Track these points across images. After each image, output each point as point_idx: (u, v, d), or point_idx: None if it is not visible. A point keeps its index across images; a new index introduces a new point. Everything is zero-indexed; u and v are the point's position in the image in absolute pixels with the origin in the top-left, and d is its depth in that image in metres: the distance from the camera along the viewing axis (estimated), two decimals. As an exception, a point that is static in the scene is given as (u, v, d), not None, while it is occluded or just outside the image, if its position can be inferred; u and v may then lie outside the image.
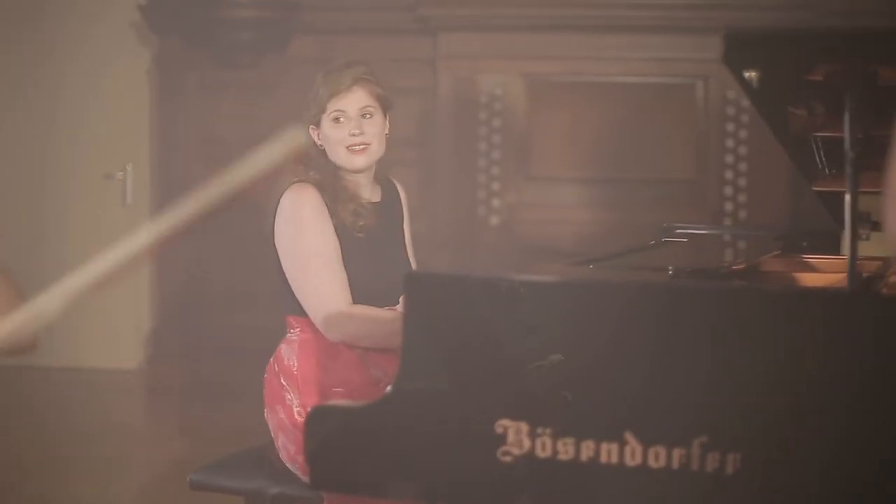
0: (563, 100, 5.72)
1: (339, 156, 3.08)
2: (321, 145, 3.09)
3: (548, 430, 2.18)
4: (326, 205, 3.04)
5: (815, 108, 2.32)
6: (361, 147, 3.08)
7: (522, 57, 5.73)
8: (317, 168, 3.09)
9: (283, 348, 3.10)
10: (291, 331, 3.09)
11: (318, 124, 3.09)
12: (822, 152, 2.69)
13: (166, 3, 5.99)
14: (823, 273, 2.98)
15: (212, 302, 6.17)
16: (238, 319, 5.93)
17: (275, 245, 3.06)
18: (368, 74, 3.14)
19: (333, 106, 3.07)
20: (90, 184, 6.37)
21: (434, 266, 5.58)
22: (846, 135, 2.06)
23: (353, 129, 3.07)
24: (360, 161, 3.10)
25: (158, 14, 6.03)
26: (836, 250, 3.03)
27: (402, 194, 3.30)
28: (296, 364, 3.05)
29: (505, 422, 2.20)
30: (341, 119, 3.08)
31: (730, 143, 5.57)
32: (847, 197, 2.11)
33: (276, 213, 3.06)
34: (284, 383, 3.05)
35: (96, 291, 1.84)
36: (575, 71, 5.72)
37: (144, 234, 1.85)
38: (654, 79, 5.62)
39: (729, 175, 5.60)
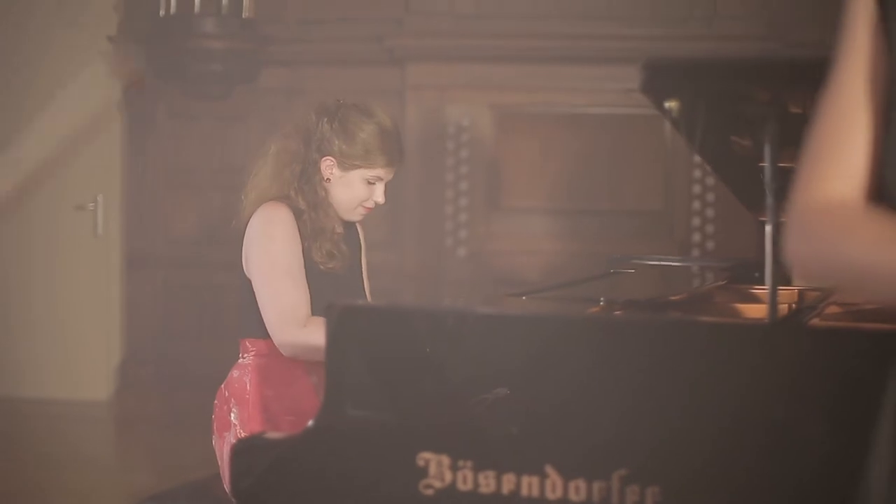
0: (530, 131, 5.72)
1: (347, 207, 3.08)
2: (328, 179, 3.06)
3: (469, 463, 2.15)
4: (300, 232, 3.02)
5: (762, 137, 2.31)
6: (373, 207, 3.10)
7: (490, 88, 5.73)
8: (306, 196, 3.06)
9: (236, 373, 3.07)
10: (245, 354, 3.07)
11: (343, 167, 3.06)
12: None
13: (135, 35, 5.99)
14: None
15: (181, 333, 6.15)
16: (208, 350, 5.90)
17: (242, 262, 3.05)
18: None
19: (377, 172, 3.06)
20: (62, 215, 6.36)
21: (399, 297, 5.62)
22: (767, 165, 2.05)
23: (380, 195, 3.08)
24: (361, 216, 3.11)
25: (128, 45, 6.03)
26: (788, 281, 3.01)
27: (360, 227, 3.29)
28: (248, 388, 3.03)
29: (426, 454, 2.17)
30: (375, 184, 3.08)
31: (697, 173, 5.56)
32: (767, 228, 2.09)
33: (246, 228, 3.04)
34: (234, 409, 3.03)
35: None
36: (542, 102, 5.72)
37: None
38: (622, 110, 5.62)
39: (696, 206, 5.59)
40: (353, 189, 3.08)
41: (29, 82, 6.26)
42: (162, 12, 5.83)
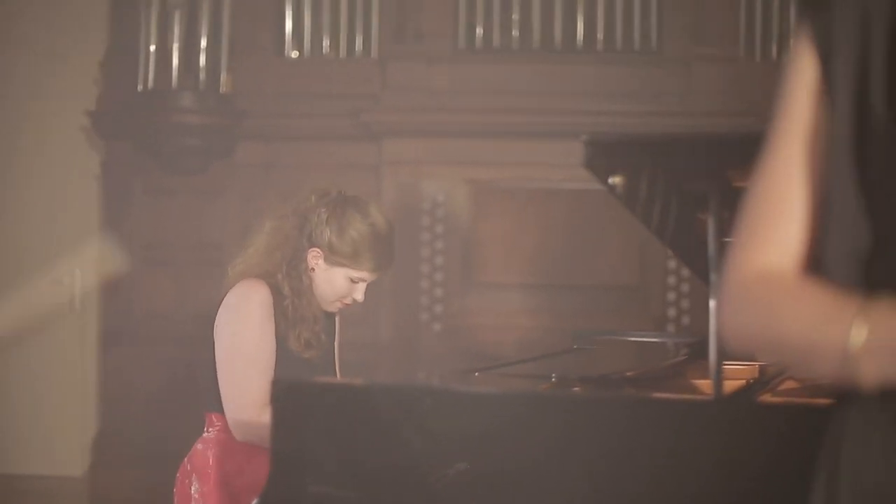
0: (506, 205, 5.73)
1: (328, 300, 3.06)
2: (313, 269, 3.05)
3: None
4: (279, 314, 3.00)
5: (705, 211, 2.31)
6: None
7: (466, 163, 5.75)
8: (292, 281, 3.04)
9: (199, 447, 3.04)
10: (210, 429, 3.04)
11: (329, 261, 3.04)
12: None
13: (114, 109, 6.02)
14: (728, 379, 2.95)
15: (157, 408, 6.11)
16: (184, 426, 5.86)
17: (213, 336, 3.02)
18: None
19: (362, 274, 3.05)
20: (39, 289, 6.34)
21: (376, 373, 5.59)
22: (710, 240, 2.05)
23: (360, 294, 3.06)
24: (336, 309, 3.10)
25: (107, 120, 6.06)
26: (751, 356, 3.00)
27: (337, 315, 3.27)
28: (210, 462, 3.00)
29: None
30: (359, 284, 3.07)
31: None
32: (711, 302, 2.09)
33: (221, 303, 3.02)
34: (195, 483, 3.00)
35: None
36: (518, 177, 5.74)
37: None
38: (597, 185, 5.60)
39: (672, 280, 5.59)
40: (335, 285, 3.06)
41: (7, 155, 6.27)
42: (140, 87, 5.86)
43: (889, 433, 1.31)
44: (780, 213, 1.43)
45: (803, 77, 1.44)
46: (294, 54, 6.01)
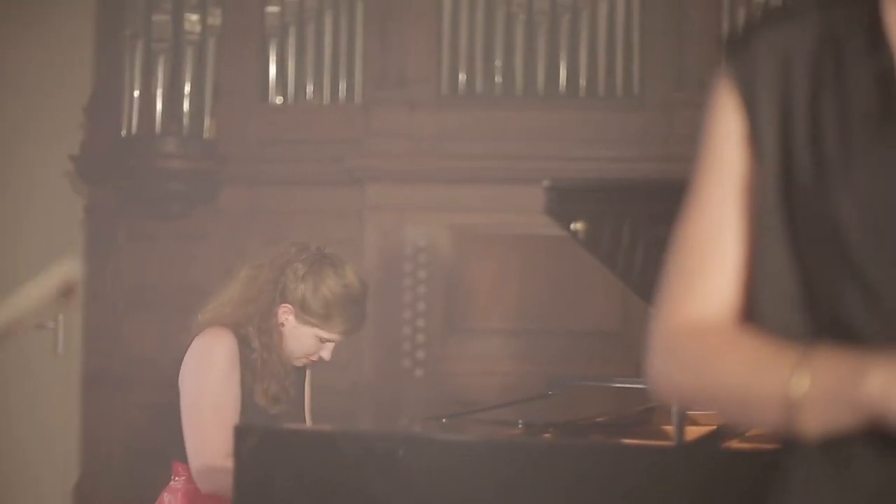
0: (489, 251, 5.73)
1: (294, 356, 3.05)
2: (282, 325, 3.03)
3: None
4: (247, 367, 2.99)
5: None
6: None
7: (449, 208, 5.75)
8: (262, 335, 3.03)
9: (166, 497, 3.04)
10: (176, 478, 3.03)
11: (299, 319, 3.02)
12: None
13: (98, 154, 6.02)
14: (698, 425, 2.94)
15: (139, 453, 6.08)
16: (165, 472, 5.84)
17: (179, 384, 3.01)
18: None
19: (332, 336, 3.04)
20: (22, 333, 6.31)
21: (357, 419, 5.58)
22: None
23: (327, 353, 3.05)
24: (303, 364, 3.09)
25: (90, 164, 6.06)
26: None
27: (308, 370, 3.26)
28: (177, 513, 2.99)
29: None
30: (327, 344, 3.06)
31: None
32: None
33: (188, 351, 3.01)
34: (162, 536, 2.99)
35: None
36: (501, 223, 5.74)
37: None
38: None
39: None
40: (303, 343, 3.06)
41: (-10, 201, 6.28)
42: (124, 132, 5.87)
43: (832, 482, 1.30)
44: (710, 263, 1.42)
45: (727, 122, 1.43)
46: (278, 100, 6.02)
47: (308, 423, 3.23)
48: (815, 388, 1.25)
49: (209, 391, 2.93)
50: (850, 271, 1.31)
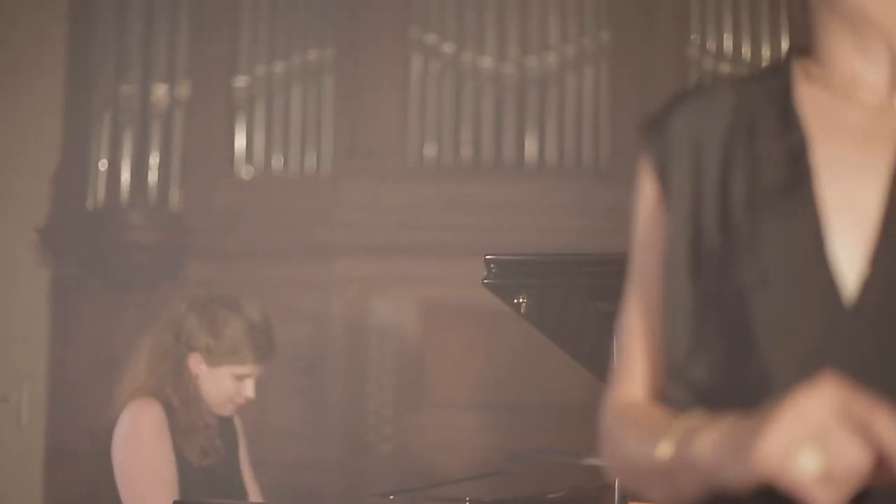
0: (455, 324, 5.70)
1: (216, 403, 3.03)
2: (197, 375, 3.02)
3: None
4: (173, 426, 2.97)
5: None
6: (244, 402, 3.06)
7: (416, 281, 5.73)
8: (179, 392, 3.02)
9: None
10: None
11: (210, 363, 3.02)
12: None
13: (63, 226, 5.99)
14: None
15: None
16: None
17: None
18: None
19: (246, 369, 3.02)
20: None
21: (321, 495, 5.51)
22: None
23: (250, 390, 3.03)
24: (232, 411, 3.07)
25: (55, 236, 6.03)
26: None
27: (237, 419, 3.24)
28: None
29: None
30: (245, 380, 3.04)
31: (621, 367, 5.53)
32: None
33: (116, 425, 3.00)
34: None
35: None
36: (468, 295, 5.70)
37: None
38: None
39: (621, 401, 5.54)
40: (222, 385, 3.04)
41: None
42: (90, 203, 5.84)
43: None
44: (642, 344, 1.44)
45: (648, 200, 1.46)
46: (245, 172, 6.01)
47: (245, 476, 3.21)
48: (677, 455, 1.25)
49: (143, 463, 2.93)
50: (749, 344, 1.31)
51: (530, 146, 5.82)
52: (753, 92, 1.43)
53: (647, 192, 1.46)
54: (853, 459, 1.12)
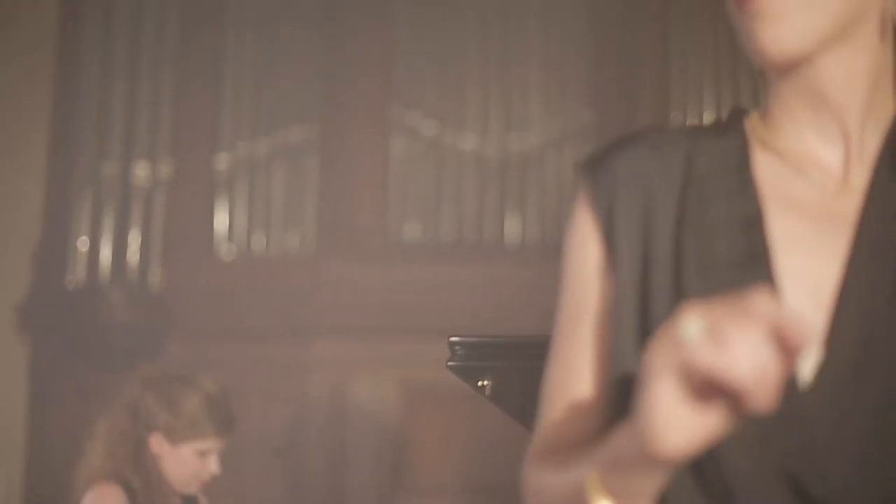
0: (436, 406, 5.64)
1: (182, 482, 2.98)
2: (159, 455, 2.98)
3: None
4: None
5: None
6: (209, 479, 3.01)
7: (397, 363, 5.68)
8: (140, 474, 2.97)
9: None
10: None
11: (172, 441, 2.97)
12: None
13: (43, 305, 5.95)
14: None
15: None
16: None
17: None
18: None
19: (207, 444, 2.98)
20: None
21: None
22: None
23: (214, 466, 2.99)
24: (197, 489, 3.02)
25: (35, 315, 5.99)
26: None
27: (203, 498, 3.19)
28: None
29: None
30: (209, 456, 3.00)
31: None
32: None
33: None
34: None
35: None
36: (449, 378, 5.64)
37: None
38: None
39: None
40: (185, 464, 2.99)
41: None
42: (70, 283, 5.81)
43: None
44: (567, 390, 1.39)
45: (585, 248, 1.40)
46: (227, 251, 5.98)
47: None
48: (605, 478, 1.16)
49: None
50: None
51: (512, 226, 5.80)
52: (706, 148, 1.38)
53: (583, 241, 1.39)
54: (748, 341, 1.00)
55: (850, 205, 1.33)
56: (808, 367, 1.24)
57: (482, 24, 5.94)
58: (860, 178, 1.35)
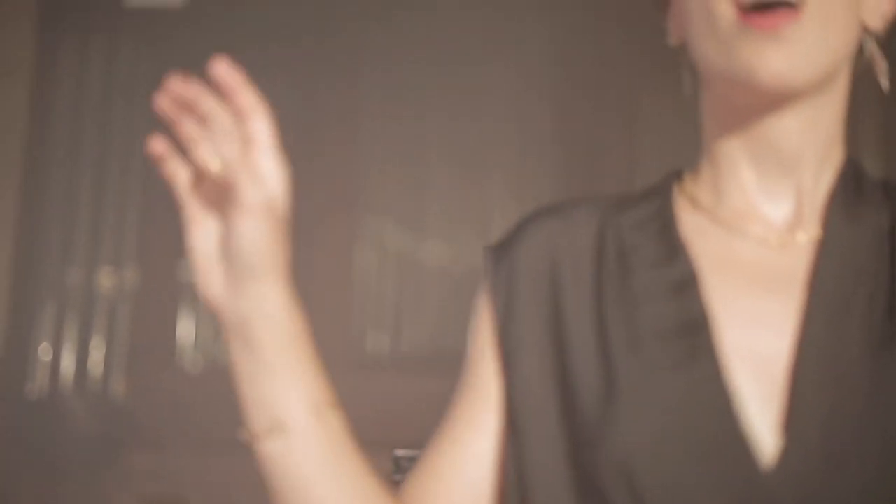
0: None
1: None
2: None
3: None
4: None
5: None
6: None
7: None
8: None
9: None
10: None
11: None
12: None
13: (3, 415, 5.89)
14: None
15: None
16: None
17: None
18: None
19: None
20: None
21: None
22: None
23: None
24: None
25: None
26: None
27: None
28: None
29: None
30: None
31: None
32: None
33: None
34: None
35: None
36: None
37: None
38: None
39: None
40: None
41: None
42: (30, 392, 5.75)
43: None
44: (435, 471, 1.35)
45: (483, 335, 1.33)
46: (192, 362, 5.91)
47: None
48: None
49: None
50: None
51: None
52: (626, 216, 1.28)
53: (482, 327, 1.33)
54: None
55: (797, 262, 1.21)
56: (767, 450, 1.11)
57: (450, 138, 5.91)
58: (808, 232, 1.23)
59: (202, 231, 1.20)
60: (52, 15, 5.90)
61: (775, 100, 1.20)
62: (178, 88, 1.24)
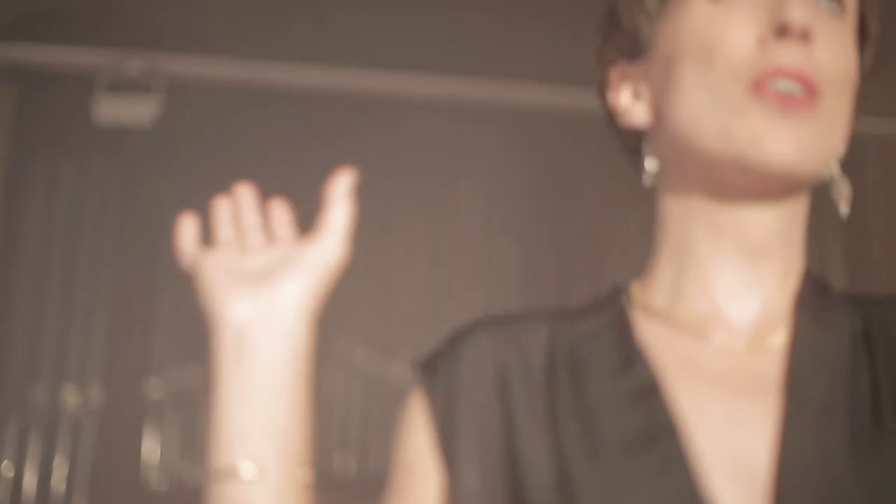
0: None
1: None
2: None
3: None
4: None
5: None
6: None
7: None
8: None
9: None
10: None
11: None
12: None
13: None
14: None
15: None
16: None
17: None
18: None
19: None
20: None
21: None
22: None
23: None
24: None
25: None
26: None
27: None
28: None
29: None
30: None
31: None
32: None
33: None
34: None
35: None
36: None
37: None
38: None
39: None
40: None
41: None
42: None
43: None
44: None
45: (418, 443, 1.26)
46: (157, 481, 5.83)
47: None
48: None
49: None
50: None
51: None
52: (577, 327, 1.22)
53: (416, 435, 1.26)
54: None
55: (768, 366, 1.15)
56: None
57: (418, 260, 5.91)
58: (777, 336, 1.17)
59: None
60: (24, 132, 5.91)
61: (770, 186, 1.15)
62: (241, 198, 1.36)
